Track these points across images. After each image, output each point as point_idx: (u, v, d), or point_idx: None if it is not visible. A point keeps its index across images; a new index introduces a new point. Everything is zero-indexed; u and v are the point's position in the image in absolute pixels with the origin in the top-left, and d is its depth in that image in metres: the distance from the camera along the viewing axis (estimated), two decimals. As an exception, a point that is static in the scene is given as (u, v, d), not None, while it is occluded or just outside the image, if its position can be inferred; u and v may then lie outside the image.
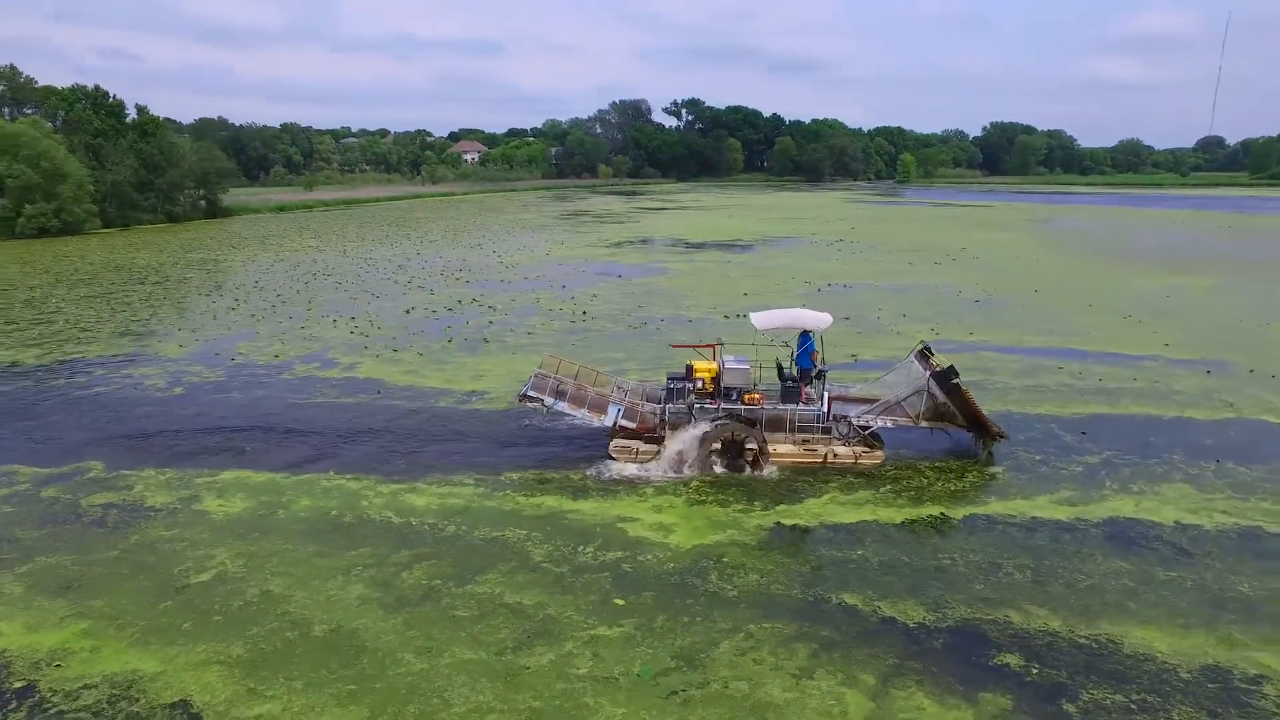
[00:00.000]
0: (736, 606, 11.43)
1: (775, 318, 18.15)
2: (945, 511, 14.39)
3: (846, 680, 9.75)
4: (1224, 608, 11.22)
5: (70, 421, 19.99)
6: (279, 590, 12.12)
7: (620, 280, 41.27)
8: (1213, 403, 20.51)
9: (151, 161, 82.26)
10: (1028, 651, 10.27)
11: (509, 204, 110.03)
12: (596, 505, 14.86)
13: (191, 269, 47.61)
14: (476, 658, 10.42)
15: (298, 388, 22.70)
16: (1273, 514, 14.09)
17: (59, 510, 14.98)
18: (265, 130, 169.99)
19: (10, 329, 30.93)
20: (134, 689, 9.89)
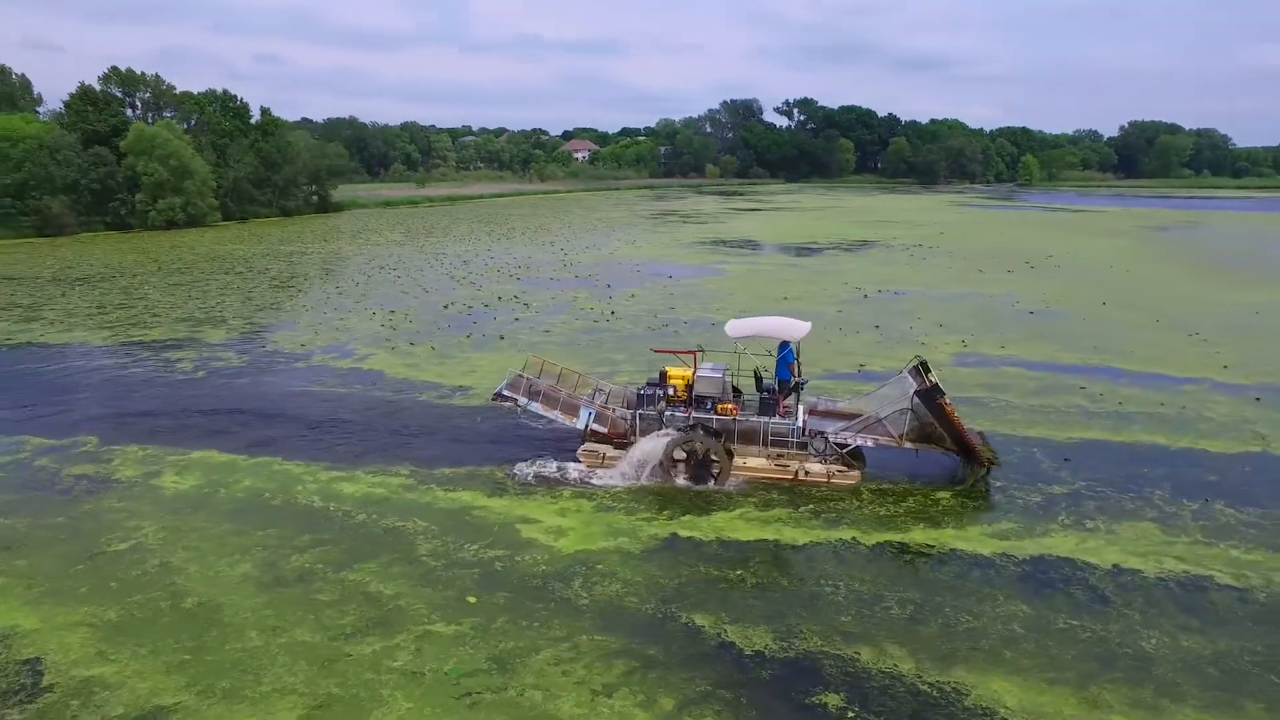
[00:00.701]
0: (580, 616, 11.24)
1: (749, 326, 17.55)
2: (858, 536, 13.59)
3: (644, 702, 9.42)
4: (1111, 664, 10.08)
5: (92, 399, 21.85)
6: (177, 563, 12.87)
7: (668, 281, 41.08)
8: (1241, 434, 18.36)
9: (269, 159, 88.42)
10: (856, 693, 9.58)
11: (605, 202, 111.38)
12: (508, 504, 14.94)
13: (276, 261, 50.90)
14: (310, 640, 10.73)
15: (303, 376, 23.92)
16: (1235, 563, 12.52)
17: (41, 478, 16.43)
18: (387, 129, 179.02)
19: (98, 312, 34.05)
20: (1, 644, 10.75)
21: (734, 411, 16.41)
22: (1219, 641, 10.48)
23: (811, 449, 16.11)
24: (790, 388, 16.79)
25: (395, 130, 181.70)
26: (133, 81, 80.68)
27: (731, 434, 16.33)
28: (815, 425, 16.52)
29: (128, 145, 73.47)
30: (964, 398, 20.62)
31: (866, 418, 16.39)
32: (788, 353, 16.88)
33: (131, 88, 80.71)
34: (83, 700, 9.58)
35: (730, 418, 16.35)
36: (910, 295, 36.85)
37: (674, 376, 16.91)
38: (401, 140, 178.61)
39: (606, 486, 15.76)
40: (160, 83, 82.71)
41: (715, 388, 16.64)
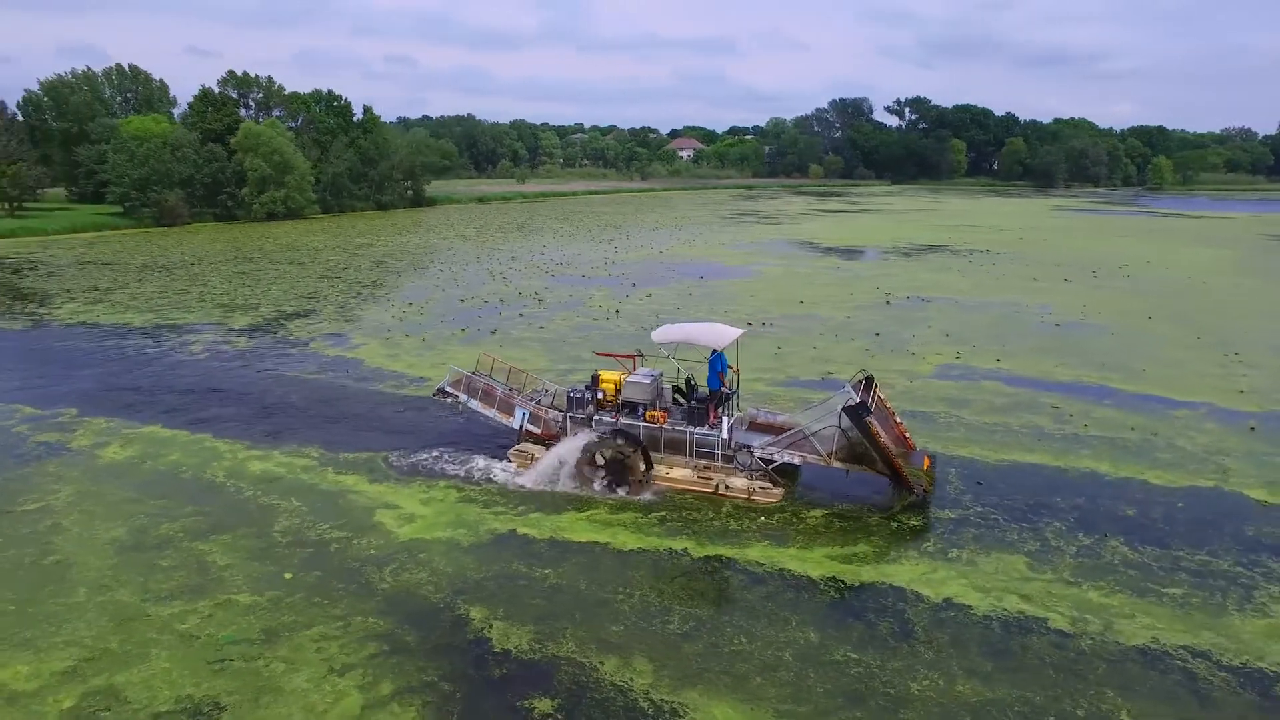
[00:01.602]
0: (369, 599, 11.63)
1: (675, 332, 17.13)
2: (690, 547, 13.31)
3: (366, 685, 9.70)
4: (859, 703, 9.48)
5: (95, 375, 24.01)
6: (65, 524, 14.12)
7: (696, 282, 40.81)
8: (1203, 467, 16.64)
9: (367, 155, 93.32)
10: (572, 701, 9.49)
11: (694, 201, 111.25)
12: (382, 490, 15.50)
13: (341, 253, 53.85)
14: (125, 600, 11.61)
15: (288, 362, 25.41)
16: (1084, 607, 11.45)
17: (9, 442, 18.30)
18: (496, 127, 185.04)
19: (156, 296, 37.21)
20: None
21: (662, 419, 16.00)
22: (998, 689, 9.69)
23: (737, 463, 15.49)
24: (719, 398, 16.13)
25: (504, 128, 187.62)
26: (247, 83, 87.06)
27: (658, 442, 15.91)
28: (742, 439, 15.87)
29: (237, 142, 79.28)
30: (919, 411, 19.78)
31: (794, 433, 15.61)
32: (715, 360, 16.23)
33: (246, 89, 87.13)
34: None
35: (657, 425, 15.93)
36: (938, 303, 35.13)
37: (605, 380, 16.56)
38: (509, 138, 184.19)
39: (518, 486, 15.65)
40: (271, 84, 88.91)
41: (644, 394, 16.24)
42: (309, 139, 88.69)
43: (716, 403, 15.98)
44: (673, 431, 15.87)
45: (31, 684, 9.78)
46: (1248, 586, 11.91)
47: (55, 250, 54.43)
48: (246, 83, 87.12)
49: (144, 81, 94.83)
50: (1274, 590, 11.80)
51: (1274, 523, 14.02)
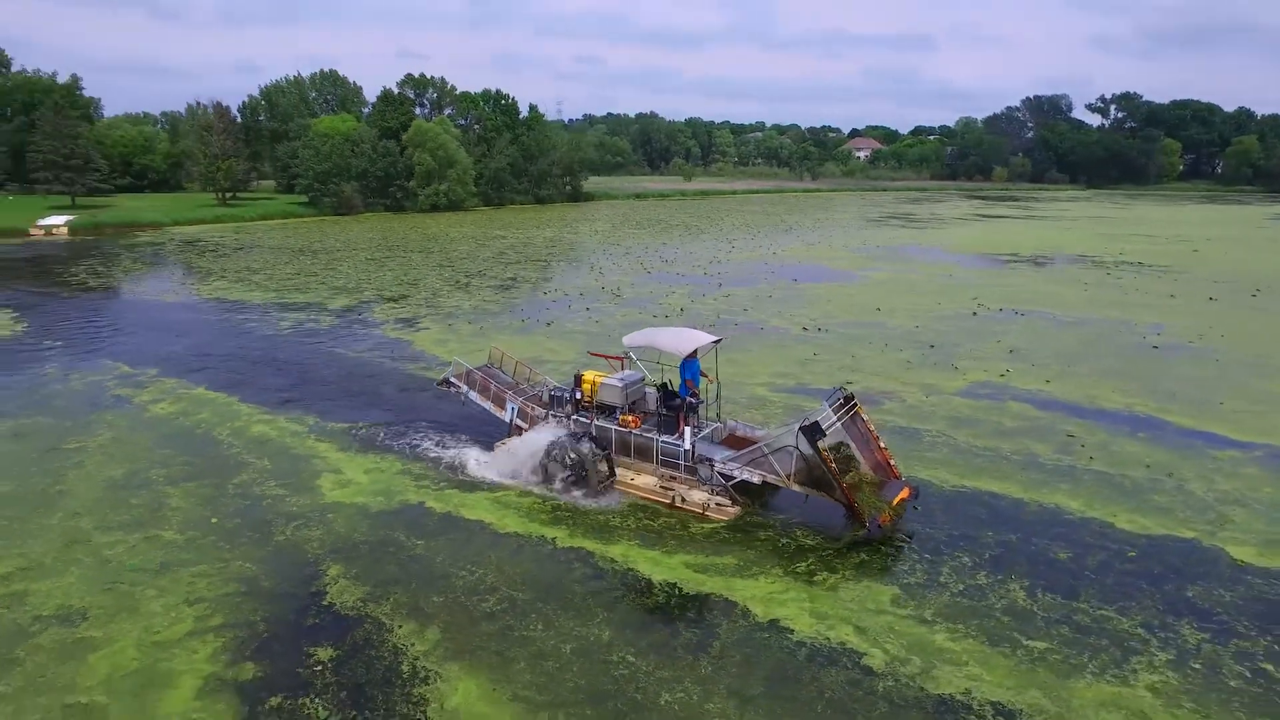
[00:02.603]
0: (260, 548, 13.12)
1: (642, 337, 16.81)
2: (559, 537, 13.70)
3: (203, 617, 11.19)
4: (601, 700, 9.59)
5: (191, 342, 27.74)
6: (86, 462, 16.78)
7: (785, 284, 40.05)
8: (1198, 515, 14.55)
9: (529, 152, 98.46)
10: (347, 654, 10.35)
11: (852, 203, 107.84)
12: (340, 458, 17.07)
13: (472, 244, 57.61)
14: (81, 526, 13.83)
15: (351, 341, 27.99)
16: (917, 648, 10.65)
17: (96, 392, 21.77)
18: (671, 124, 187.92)
19: (292, 277, 42.00)
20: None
21: (634, 424, 15.64)
22: (751, 714, 9.39)
23: (699, 476, 14.87)
24: (684, 406, 15.48)
25: (679, 126, 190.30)
26: (422, 84, 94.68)
27: (628, 447, 15.63)
28: (707, 451, 15.22)
29: (407, 138, 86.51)
30: (912, 428, 18.86)
31: (754, 450, 14.70)
32: (683, 368, 15.89)
33: (421, 89, 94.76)
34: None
35: (627, 430, 15.60)
36: (1032, 316, 32.28)
37: (587, 381, 16.30)
38: (684, 135, 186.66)
39: (481, 477, 15.99)
40: (444, 84, 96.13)
41: (616, 397, 16.00)
42: (474, 136, 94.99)
43: (683, 411, 15.49)
44: (641, 438, 15.50)
45: None
46: (1131, 651, 10.55)
47: (242, 235, 62.43)
48: (422, 83, 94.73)
49: (342, 84, 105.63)
50: (1159, 658, 10.38)
51: (1232, 584, 12.16)
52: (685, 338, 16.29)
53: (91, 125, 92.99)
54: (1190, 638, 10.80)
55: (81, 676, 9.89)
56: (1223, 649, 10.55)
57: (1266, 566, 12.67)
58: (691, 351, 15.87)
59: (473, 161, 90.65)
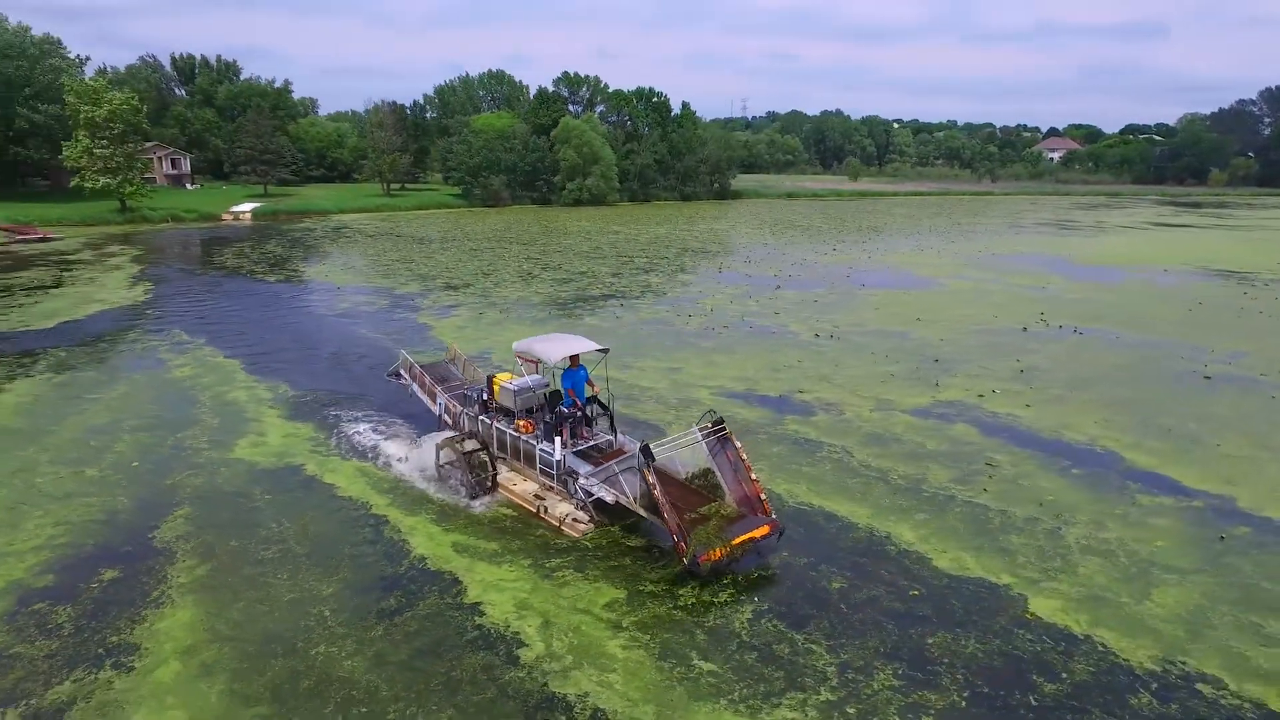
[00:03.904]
0: (152, 490, 15.32)
1: (525, 344, 16.45)
2: (389, 513, 14.80)
3: (43, 532, 13.43)
4: (273, 640, 10.71)
5: (250, 316, 31.64)
6: (89, 410, 20.13)
7: (848, 289, 38.63)
8: (1037, 558, 13.21)
9: (676, 149, 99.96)
10: (115, 581, 12.14)
11: (1013, 207, 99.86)
12: (278, 423, 19.21)
13: (587, 238, 59.90)
14: (29, 456, 16.80)
15: (380, 324, 30.67)
16: (582, 650, 10.83)
17: (143, 356, 25.71)
18: (846, 122, 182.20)
19: (392, 264, 46.24)
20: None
21: (526, 429, 15.55)
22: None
23: (570, 488, 14.46)
24: (560, 416, 15.22)
25: (854, 124, 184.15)
26: (577, 83, 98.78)
27: (519, 452, 15.61)
28: (574, 464, 14.75)
29: (556, 135, 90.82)
30: (819, 441, 18.18)
31: (606, 468, 14.08)
32: (565, 376, 15.64)
33: (575, 88, 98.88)
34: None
35: (517, 435, 15.54)
36: (1088, 335, 29.09)
37: (496, 382, 16.50)
38: (859, 134, 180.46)
39: (387, 465, 16.73)
40: (597, 82, 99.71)
41: (509, 400, 15.95)
42: (622, 133, 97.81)
43: (559, 421, 15.13)
44: (527, 444, 15.31)
45: None
46: (796, 686, 10.07)
47: (385, 223, 68.88)
48: (577, 82, 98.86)
49: (509, 83, 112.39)
50: (818, 698, 9.86)
51: (991, 638, 11.04)
52: (561, 344, 16.13)
53: (296, 123, 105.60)
54: (878, 683, 10.11)
55: (-78, 571, 12.41)
56: (900, 698, 9.82)
57: (1054, 623, 11.38)
58: (573, 360, 15.78)
59: (619, 158, 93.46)
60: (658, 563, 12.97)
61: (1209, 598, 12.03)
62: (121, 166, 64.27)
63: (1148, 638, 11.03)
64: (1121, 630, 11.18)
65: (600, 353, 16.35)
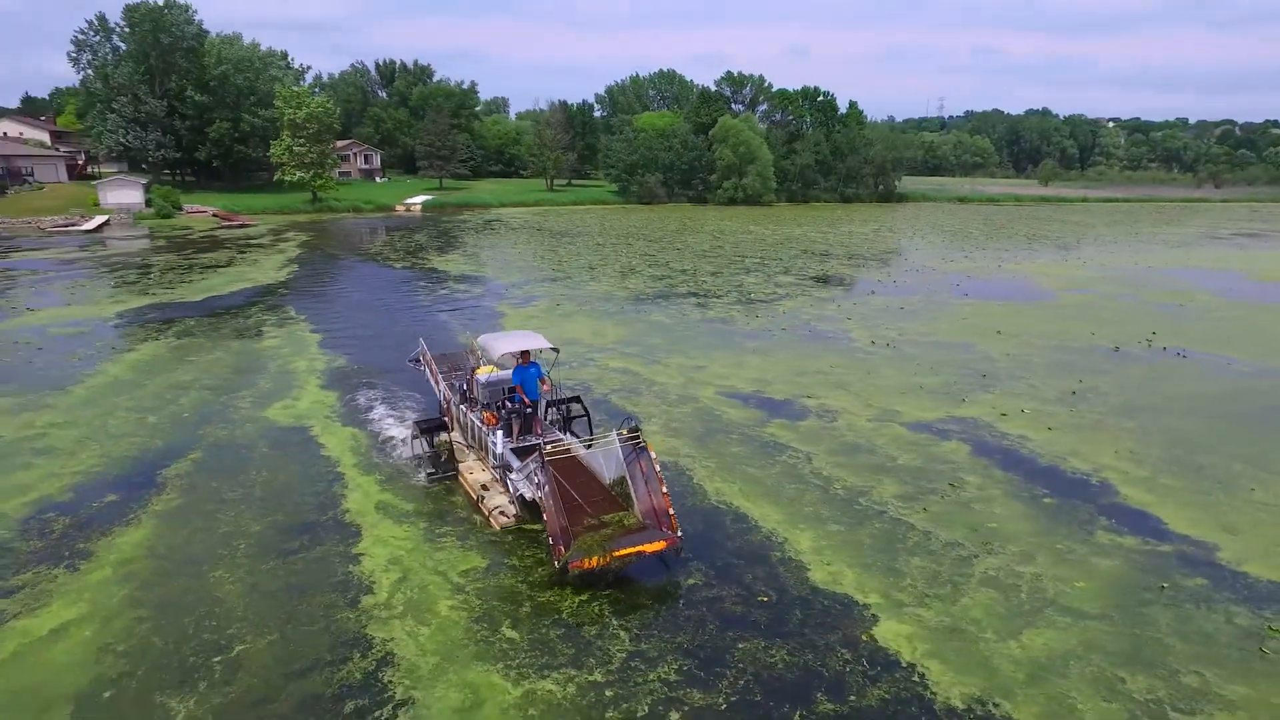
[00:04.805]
0: (176, 436, 18.23)
1: (483, 339, 17.12)
2: (344, 463, 16.61)
3: (48, 474, 16.43)
4: (148, 559, 12.67)
5: (355, 294, 35.26)
6: (171, 367, 23.91)
7: (944, 298, 36.55)
8: (924, 581, 12.55)
9: (839, 149, 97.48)
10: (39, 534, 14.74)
11: (1225, 215, 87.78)
12: (312, 390, 21.83)
13: (707, 236, 60.44)
14: (111, 400, 20.35)
15: (451, 310, 33.18)
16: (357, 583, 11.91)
17: (250, 326, 29.71)
18: (1045, 121, 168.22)
19: (511, 257, 49.33)
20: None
21: (489, 420, 15.91)
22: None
23: (505, 481, 14.73)
24: (509, 410, 15.62)
25: (1054, 123, 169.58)
26: (740, 82, 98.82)
27: (481, 443, 16.21)
28: (510, 459, 14.93)
29: (714, 134, 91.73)
30: (786, 446, 17.95)
31: (527, 464, 14.00)
32: (517, 372, 15.90)
33: (738, 87, 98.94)
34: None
35: (481, 425, 15.98)
36: (1191, 358, 25.72)
37: (478, 373, 17.07)
38: (1059, 135, 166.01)
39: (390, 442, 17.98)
40: (761, 81, 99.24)
41: (478, 392, 16.69)
42: (784, 132, 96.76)
43: (508, 416, 15.57)
44: (484, 436, 15.72)
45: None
46: (559, 664, 10.55)
47: (536, 217, 73.09)
48: (740, 81, 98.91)
49: (678, 82, 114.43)
50: (585, 674, 10.26)
51: (803, 650, 10.85)
52: (509, 341, 16.70)
53: (480, 121, 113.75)
54: (655, 675, 10.30)
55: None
56: (665, 691, 10.00)
57: (886, 648, 10.88)
58: (524, 357, 16.13)
59: (779, 158, 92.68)
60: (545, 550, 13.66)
61: (1086, 646, 10.95)
62: (314, 162, 72.81)
63: (977, 677, 10.32)
64: (954, 665, 10.53)
65: (552, 351, 17.01)
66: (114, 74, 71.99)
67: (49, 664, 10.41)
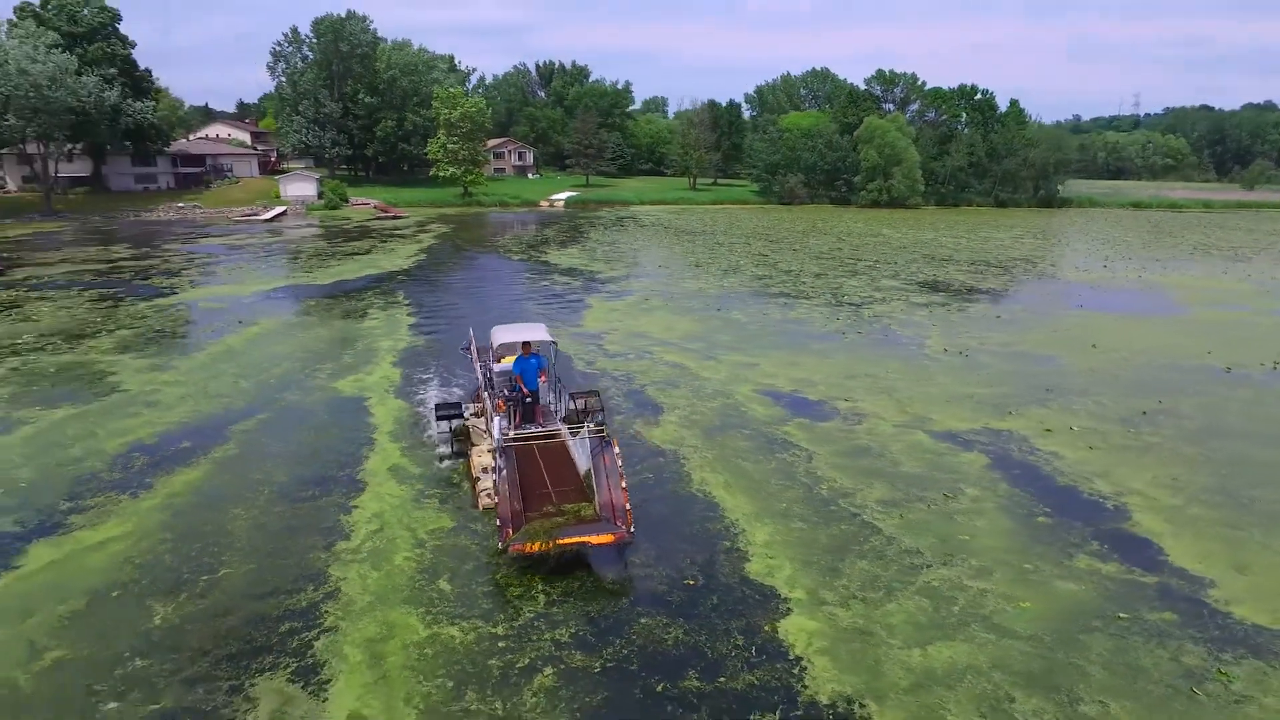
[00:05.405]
0: (236, 401, 21.04)
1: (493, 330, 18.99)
2: (377, 428, 18.53)
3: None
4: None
5: (463, 282, 37.93)
6: (288, 335, 27.18)
7: (1057, 310, 34.22)
8: (859, 583, 12.51)
9: (996, 151, 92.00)
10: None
11: None
12: (385, 366, 24.23)
13: (831, 238, 59.30)
14: (228, 367, 23.66)
15: (552, 301, 34.97)
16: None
17: (357, 307, 32.99)
18: (1259, 117, 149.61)
19: (624, 251, 50.91)
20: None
21: (500, 407, 16.43)
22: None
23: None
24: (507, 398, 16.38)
25: (1275, 118, 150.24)
26: (891, 80, 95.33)
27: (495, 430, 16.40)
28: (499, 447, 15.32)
29: (859, 134, 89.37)
30: (795, 445, 17.94)
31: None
32: (517, 363, 16.78)
33: (889, 85, 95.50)
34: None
35: (493, 412, 16.51)
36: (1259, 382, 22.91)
37: (502, 361, 17.88)
38: (1275, 133, 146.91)
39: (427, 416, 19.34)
40: (914, 80, 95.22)
41: (495, 382, 17.70)
42: (936, 133, 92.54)
43: (510, 404, 16.33)
44: (492, 421, 16.26)
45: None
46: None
47: (668, 215, 74.48)
48: (891, 80, 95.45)
49: (831, 80, 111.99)
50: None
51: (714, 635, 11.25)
52: (510, 332, 17.78)
53: (634, 120, 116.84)
54: (543, 640, 11.12)
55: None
56: (536, 653, 10.80)
57: (783, 640, 11.03)
58: (525, 348, 17.02)
59: (928, 159, 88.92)
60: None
61: (994, 664, 10.62)
62: (466, 159, 78.02)
63: (859, 678, 10.30)
64: (841, 665, 10.57)
65: (551, 344, 18.22)
66: (300, 80, 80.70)
67: (84, 567, 12.74)
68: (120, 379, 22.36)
